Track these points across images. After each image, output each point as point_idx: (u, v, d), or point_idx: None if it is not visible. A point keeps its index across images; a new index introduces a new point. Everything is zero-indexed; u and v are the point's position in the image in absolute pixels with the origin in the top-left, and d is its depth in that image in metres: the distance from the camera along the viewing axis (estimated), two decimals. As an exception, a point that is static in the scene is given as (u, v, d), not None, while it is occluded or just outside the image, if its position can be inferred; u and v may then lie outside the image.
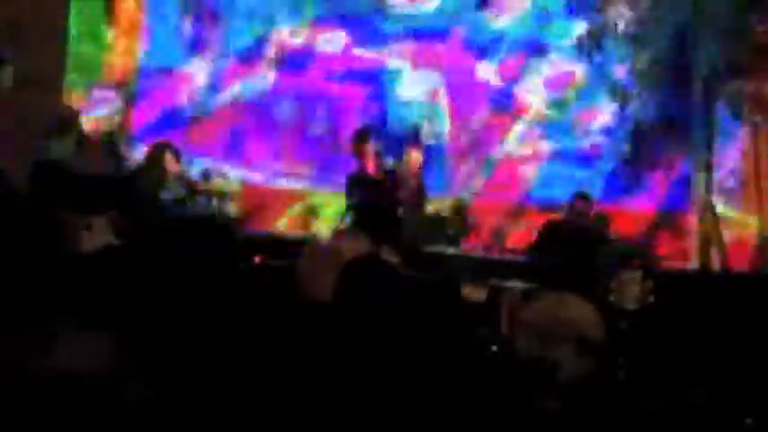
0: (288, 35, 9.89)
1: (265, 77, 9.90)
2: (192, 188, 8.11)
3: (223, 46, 9.90)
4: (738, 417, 2.97)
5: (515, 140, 9.90)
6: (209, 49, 9.87)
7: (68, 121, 8.28)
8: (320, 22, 9.89)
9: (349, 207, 7.68)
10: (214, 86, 9.85)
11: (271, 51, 9.89)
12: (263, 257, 6.52)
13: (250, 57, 9.89)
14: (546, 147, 9.87)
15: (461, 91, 9.86)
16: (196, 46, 9.87)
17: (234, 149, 9.69)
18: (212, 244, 3.46)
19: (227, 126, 9.80)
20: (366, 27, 9.88)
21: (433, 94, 9.86)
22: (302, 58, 9.87)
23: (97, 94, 8.37)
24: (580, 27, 9.53)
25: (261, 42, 9.91)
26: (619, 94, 9.48)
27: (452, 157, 9.77)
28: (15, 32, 8.48)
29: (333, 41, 9.87)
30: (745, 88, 9.11)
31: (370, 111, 9.74)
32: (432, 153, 9.33)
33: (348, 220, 7.71)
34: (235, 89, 9.85)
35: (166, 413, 2.34)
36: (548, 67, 9.93)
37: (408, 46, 9.91)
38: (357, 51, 9.89)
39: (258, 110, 9.82)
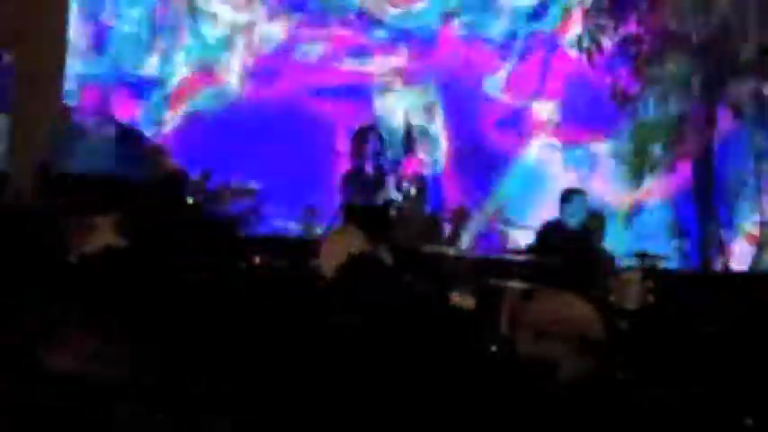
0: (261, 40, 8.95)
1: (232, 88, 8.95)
2: (192, 190, 8.12)
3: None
4: (738, 416, 2.97)
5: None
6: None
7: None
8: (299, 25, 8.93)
9: (342, 206, 7.69)
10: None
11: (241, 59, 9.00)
12: (264, 257, 6.54)
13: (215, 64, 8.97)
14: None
15: (461, 106, 9.07)
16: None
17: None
18: (213, 245, 3.47)
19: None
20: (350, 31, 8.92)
21: (428, 111, 9.37)
22: (278, 67, 8.94)
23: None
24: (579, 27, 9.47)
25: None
26: (618, 93, 9.47)
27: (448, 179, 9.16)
28: (15, 31, 8.48)
29: (312, 51, 8.96)
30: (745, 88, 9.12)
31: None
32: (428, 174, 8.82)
33: (341, 218, 7.71)
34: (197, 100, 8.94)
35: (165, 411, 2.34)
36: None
37: (398, 53, 9.01)
38: (340, 63, 8.96)
39: (226, 124, 8.82)
